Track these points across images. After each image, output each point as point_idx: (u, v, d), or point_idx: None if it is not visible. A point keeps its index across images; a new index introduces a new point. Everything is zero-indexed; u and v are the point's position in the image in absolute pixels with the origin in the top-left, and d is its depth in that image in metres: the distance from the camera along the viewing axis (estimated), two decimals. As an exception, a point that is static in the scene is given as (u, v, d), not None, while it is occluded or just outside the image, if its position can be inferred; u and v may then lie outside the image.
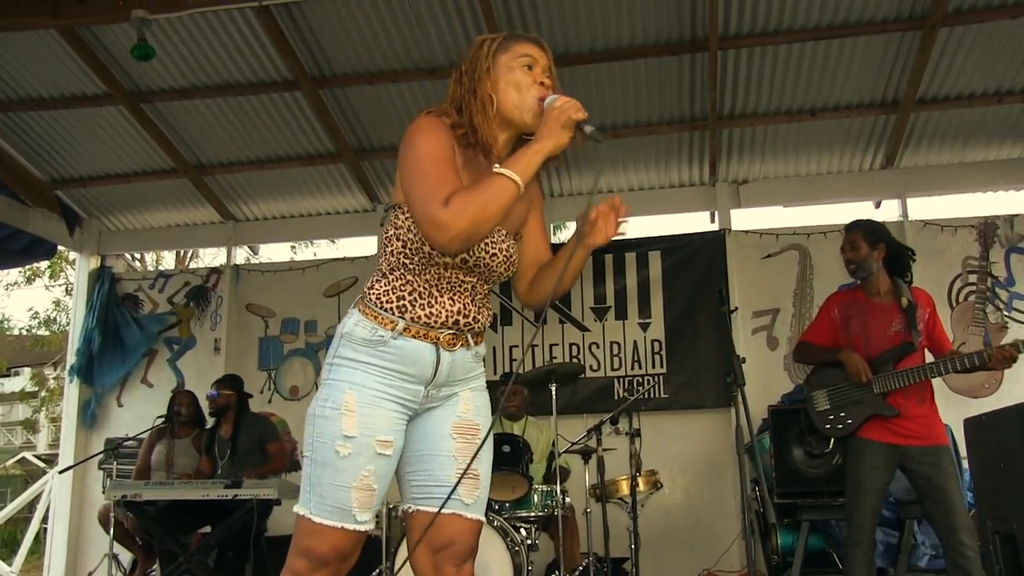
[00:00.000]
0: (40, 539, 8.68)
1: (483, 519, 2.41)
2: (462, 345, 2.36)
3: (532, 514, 5.67)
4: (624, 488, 5.89)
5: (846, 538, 4.37)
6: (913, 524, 5.70)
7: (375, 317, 2.31)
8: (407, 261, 2.33)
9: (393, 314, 2.30)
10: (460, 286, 2.34)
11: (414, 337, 2.29)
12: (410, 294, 2.31)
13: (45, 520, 8.23)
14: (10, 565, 8.40)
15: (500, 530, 5.16)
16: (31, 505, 8.71)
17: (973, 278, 7.42)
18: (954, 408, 6.62)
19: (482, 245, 2.30)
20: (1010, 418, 2.57)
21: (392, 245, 2.34)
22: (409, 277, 2.32)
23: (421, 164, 2.22)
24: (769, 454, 6.13)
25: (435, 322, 2.30)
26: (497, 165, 2.20)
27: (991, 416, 2.67)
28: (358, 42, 6.65)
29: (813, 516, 5.90)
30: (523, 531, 5.53)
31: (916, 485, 4.32)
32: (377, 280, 2.36)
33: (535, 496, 5.69)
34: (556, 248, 2.54)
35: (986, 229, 7.43)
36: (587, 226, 2.36)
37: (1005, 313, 7.32)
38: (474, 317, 2.36)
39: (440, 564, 2.34)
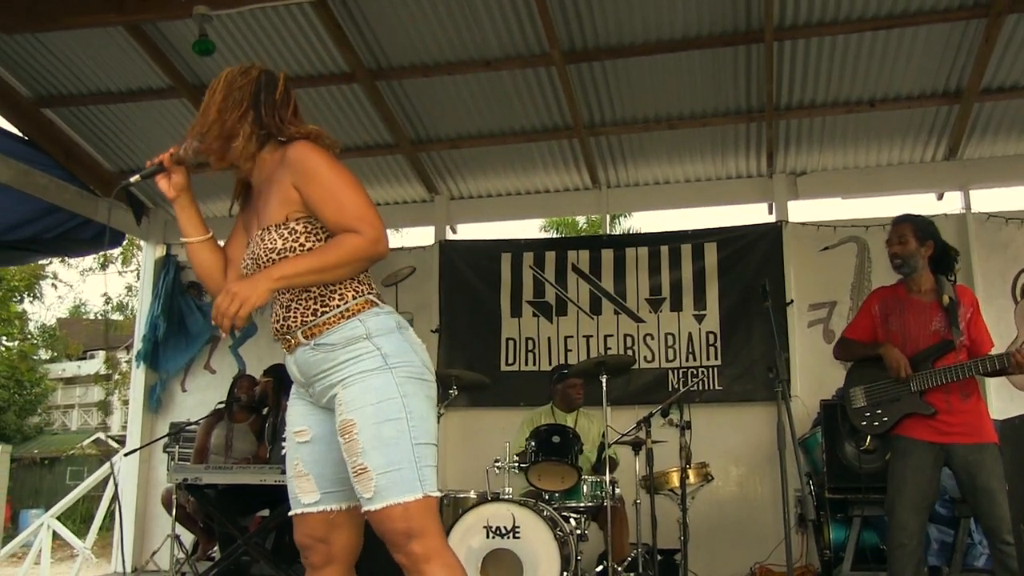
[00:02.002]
0: (109, 518, 8.95)
1: (393, 502, 2.39)
2: (297, 344, 2.57)
3: (581, 504, 5.71)
4: (674, 480, 5.90)
5: (888, 539, 4.33)
6: (969, 523, 5.62)
7: None
8: None
9: None
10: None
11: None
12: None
13: (114, 500, 8.47)
14: (83, 540, 8.66)
15: (549, 520, 5.21)
16: (103, 484, 8.97)
17: (1039, 272, 7.26)
18: (1018, 405, 6.53)
19: (246, 254, 2.65)
20: (1041, 420, 2.55)
21: None
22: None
23: (353, 185, 2.54)
24: (821, 448, 6.09)
25: (275, 336, 2.65)
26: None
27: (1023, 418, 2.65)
28: (414, 34, 6.72)
29: (865, 511, 5.86)
30: (572, 521, 5.58)
31: (961, 483, 4.28)
32: None
33: (584, 487, 5.74)
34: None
35: (1052, 221, 7.25)
36: None
37: (1071, 308, 7.15)
38: (284, 317, 2.58)
39: (392, 555, 2.47)
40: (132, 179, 2.61)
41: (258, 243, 2.55)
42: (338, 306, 2.52)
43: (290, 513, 2.62)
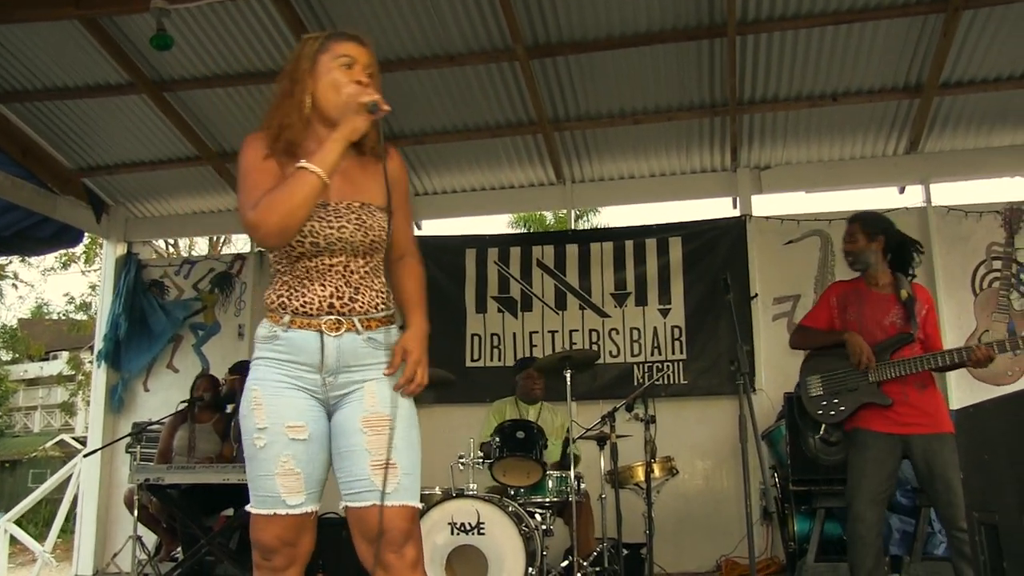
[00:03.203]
0: (71, 520, 8.84)
1: (411, 503, 2.45)
2: (348, 329, 2.47)
3: (547, 500, 5.71)
4: (639, 474, 5.90)
5: (848, 531, 4.37)
6: (929, 512, 5.67)
7: (270, 316, 2.52)
8: (278, 265, 2.55)
9: (279, 311, 2.49)
10: (330, 271, 2.48)
11: (300, 328, 2.46)
12: (287, 291, 2.49)
13: (75, 502, 8.37)
14: (42, 544, 8.55)
15: (514, 515, 5.19)
16: (64, 486, 8.86)
17: (998, 264, 7.32)
18: (977, 396, 6.55)
19: (326, 224, 2.45)
20: (993, 410, 2.56)
21: (268, 257, 2.56)
22: (284, 278, 2.52)
23: (240, 181, 2.49)
24: (785, 441, 6.13)
25: (312, 310, 2.46)
26: (302, 161, 2.39)
27: (978, 407, 2.67)
28: (376, 30, 6.66)
29: (828, 503, 5.90)
30: (537, 516, 5.57)
31: (919, 473, 4.33)
32: (268, 288, 2.58)
33: (549, 482, 5.74)
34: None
35: (1011, 215, 7.32)
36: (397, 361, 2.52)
37: (1030, 300, 7.23)
38: (350, 297, 2.48)
39: (380, 555, 2.40)
40: (372, 101, 2.37)
41: (363, 213, 2.50)
42: (392, 307, 2.61)
43: (264, 512, 2.41)
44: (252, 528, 2.44)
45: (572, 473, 5.58)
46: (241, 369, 6.99)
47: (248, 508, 2.45)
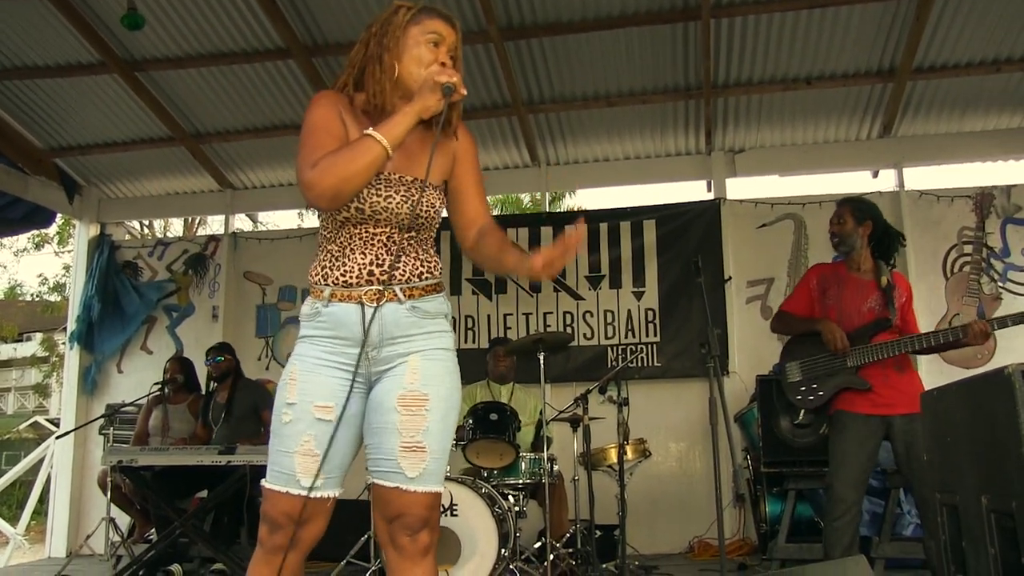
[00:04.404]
0: (44, 502, 8.80)
1: (434, 489, 2.39)
2: (389, 299, 2.41)
3: (520, 481, 5.73)
4: (612, 456, 5.94)
5: (826, 512, 4.40)
6: (899, 493, 5.72)
7: (312, 292, 2.47)
8: (324, 232, 2.50)
9: (320, 284, 2.44)
10: (372, 239, 2.43)
11: (340, 301, 2.41)
12: (330, 261, 2.45)
13: (48, 484, 8.33)
14: (15, 527, 8.51)
15: (487, 497, 5.22)
16: (37, 468, 8.82)
17: (968, 249, 7.39)
18: (948, 379, 6.61)
19: (374, 192, 2.40)
20: (955, 393, 2.60)
21: (319, 224, 2.51)
22: (329, 247, 2.47)
23: (303, 137, 2.42)
24: (757, 424, 6.17)
25: (352, 279, 2.41)
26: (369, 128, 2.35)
27: (941, 390, 2.71)
28: (349, 10, 6.63)
29: (800, 485, 5.94)
30: (511, 498, 5.60)
31: (897, 453, 4.37)
32: (311, 265, 2.50)
33: (523, 464, 5.76)
34: (544, 217, 2.56)
35: (982, 199, 7.40)
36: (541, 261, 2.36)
37: (1000, 284, 7.30)
38: (391, 265, 2.42)
39: (394, 535, 2.37)
40: (450, 81, 2.32)
41: (415, 188, 2.46)
42: (438, 276, 2.53)
43: (277, 488, 2.36)
44: (264, 500, 2.39)
45: (545, 455, 5.60)
46: (231, 350, 6.98)
47: (263, 482, 2.40)
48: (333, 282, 2.41)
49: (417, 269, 2.46)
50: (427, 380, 2.41)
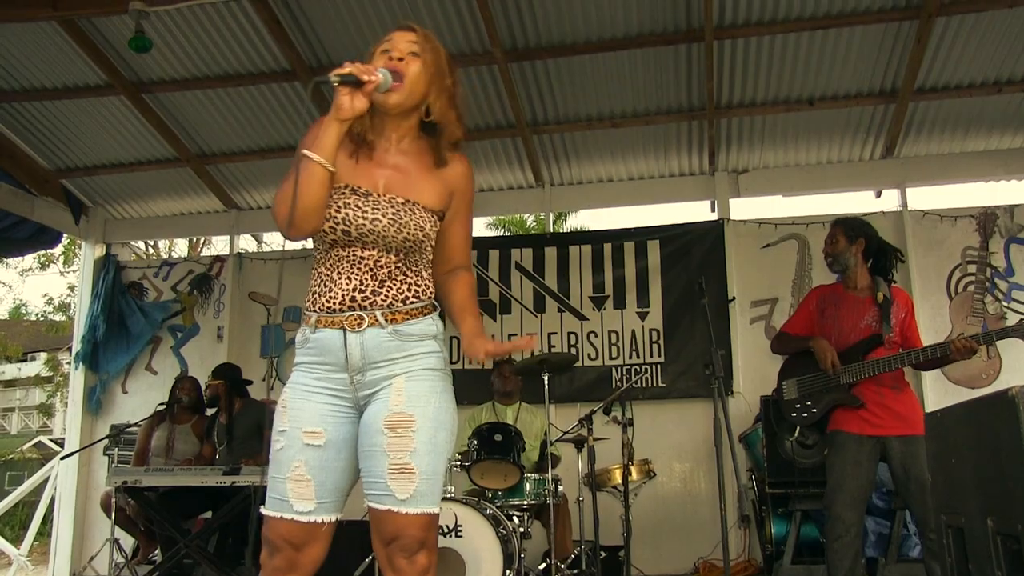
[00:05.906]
0: (48, 522, 8.80)
1: (427, 510, 2.38)
2: (371, 324, 2.42)
3: (524, 502, 5.73)
4: (617, 477, 5.93)
5: (827, 532, 4.40)
6: (904, 514, 5.72)
7: (303, 319, 2.52)
8: (317, 255, 2.53)
9: (310, 311, 2.48)
10: (359, 263, 2.45)
11: (325, 327, 2.44)
12: (319, 286, 2.48)
13: (52, 505, 8.33)
14: (18, 548, 8.50)
15: (492, 518, 5.21)
16: (41, 489, 8.82)
17: (972, 268, 7.40)
18: (952, 398, 6.65)
19: (360, 213, 2.41)
20: (958, 414, 2.60)
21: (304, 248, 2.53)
22: (319, 268, 2.51)
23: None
24: (761, 444, 6.17)
25: (335, 305, 2.43)
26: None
27: (945, 412, 2.71)
28: (354, 31, 6.67)
29: (805, 506, 5.95)
30: (515, 519, 5.59)
31: (895, 475, 4.37)
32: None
33: (527, 484, 5.75)
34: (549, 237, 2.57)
35: (986, 219, 7.42)
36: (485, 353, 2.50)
37: (1004, 303, 7.29)
38: (373, 290, 2.43)
39: (392, 557, 2.38)
40: (331, 75, 2.29)
41: (403, 210, 2.45)
42: (426, 299, 2.52)
43: (271, 513, 2.41)
44: (264, 524, 2.44)
45: (550, 476, 5.60)
46: (226, 374, 6.98)
47: (261, 508, 2.44)
48: (319, 308, 2.45)
49: (402, 294, 2.46)
50: (412, 401, 2.42)
